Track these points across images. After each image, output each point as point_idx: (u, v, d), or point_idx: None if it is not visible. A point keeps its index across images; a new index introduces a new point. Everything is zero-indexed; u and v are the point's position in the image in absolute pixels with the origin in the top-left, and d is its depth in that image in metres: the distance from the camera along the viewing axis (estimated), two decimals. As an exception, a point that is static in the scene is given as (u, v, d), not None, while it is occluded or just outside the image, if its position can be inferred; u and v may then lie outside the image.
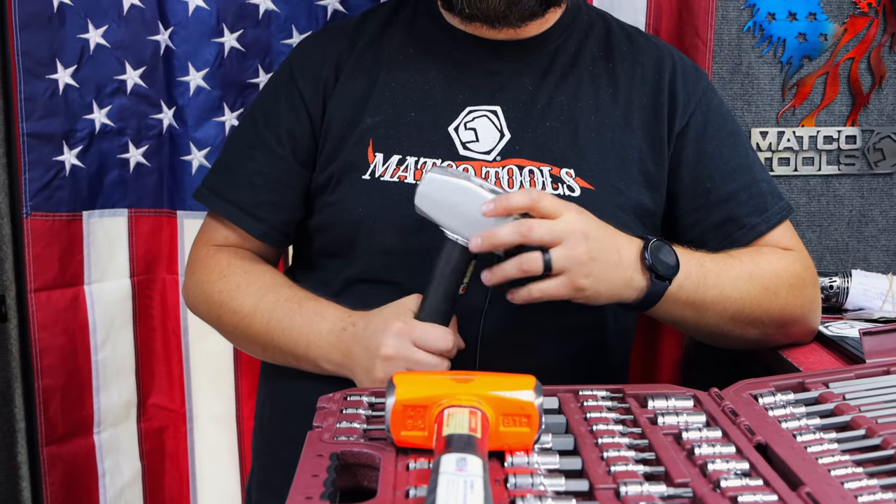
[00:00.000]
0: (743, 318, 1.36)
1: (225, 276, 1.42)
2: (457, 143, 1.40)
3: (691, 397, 1.08)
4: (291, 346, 1.35)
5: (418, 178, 1.37)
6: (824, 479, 0.86)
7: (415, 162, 1.39)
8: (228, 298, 1.41)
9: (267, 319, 1.37)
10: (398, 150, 1.39)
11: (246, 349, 1.48)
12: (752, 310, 1.35)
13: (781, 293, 1.37)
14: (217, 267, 1.44)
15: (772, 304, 1.37)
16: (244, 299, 1.39)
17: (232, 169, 1.48)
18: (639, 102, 1.44)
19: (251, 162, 1.46)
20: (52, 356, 1.74)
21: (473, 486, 0.75)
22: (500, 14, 1.38)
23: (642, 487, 0.84)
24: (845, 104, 1.92)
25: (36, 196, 1.69)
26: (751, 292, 1.35)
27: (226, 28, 1.77)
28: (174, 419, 1.90)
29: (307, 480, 0.86)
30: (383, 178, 1.38)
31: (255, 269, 1.43)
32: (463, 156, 1.39)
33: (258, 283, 1.41)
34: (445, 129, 1.41)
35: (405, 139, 1.40)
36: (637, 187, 1.41)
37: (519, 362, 1.09)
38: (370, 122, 1.41)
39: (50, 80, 1.68)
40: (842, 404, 1.05)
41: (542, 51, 1.46)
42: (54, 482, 1.77)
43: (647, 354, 1.84)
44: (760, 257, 1.39)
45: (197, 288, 1.47)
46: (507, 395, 0.92)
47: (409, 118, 1.41)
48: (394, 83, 1.44)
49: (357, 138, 1.41)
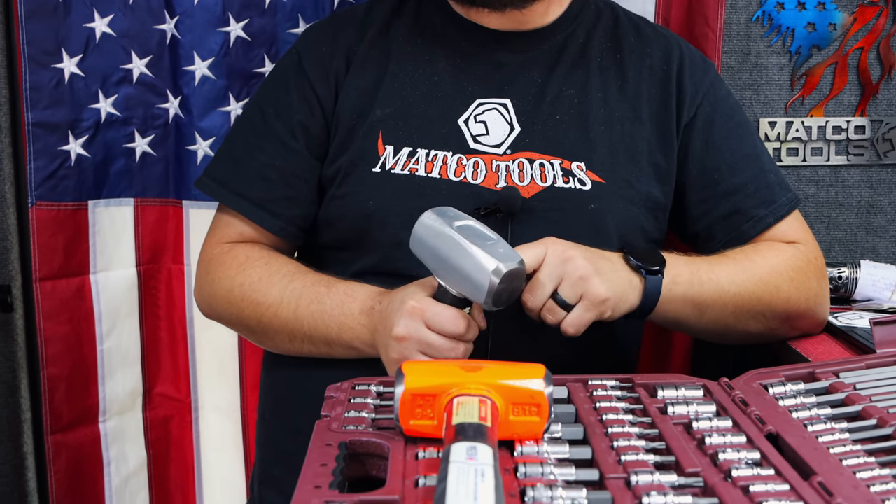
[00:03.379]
0: (744, 312, 1.36)
1: (245, 270, 1.40)
2: (467, 136, 1.39)
3: (701, 387, 1.07)
4: (323, 330, 1.32)
5: (429, 170, 1.36)
6: (836, 468, 0.86)
7: (426, 154, 1.38)
8: (251, 291, 1.38)
9: (294, 306, 1.34)
10: (409, 142, 1.39)
11: (270, 343, 1.43)
12: (753, 304, 1.35)
13: (783, 287, 1.37)
14: (235, 261, 1.42)
15: (773, 298, 1.36)
16: (268, 289, 1.37)
17: (240, 161, 1.46)
18: (648, 94, 1.44)
19: (261, 154, 1.44)
20: (58, 345, 1.74)
21: (484, 474, 0.75)
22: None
23: (653, 477, 0.84)
24: (854, 94, 1.91)
25: (41, 185, 1.69)
26: (748, 286, 1.35)
27: (232, 17, 1.76)
28: (179, 409, 1.90)
29: (316, 469, 0.86)
30: (394, 170, 1.37)
31: (275, 260, 1.41)
32: (473, 149, 1.38)
33: (281, 272, 1.38)
34: (455, 122, 1.40)
35: (415, 131, 1.39)
36: (647, 180, 1.41)
37: (531, 352, 1.08)
38: (380, 114, 1.40)
39: (55, 69, 1.67)
40: (853, 394, 1.05)
41: (551, 42, 1.45)
42: (59, 471, 1.77)
43: (657, 345, 1.84)
44: (756, 254, 1.39)
45: (213, 286, 1.44)
46: (516, 384, 0.92)
47: (418, 110, 1.41)
48: (403, 74, 1.43)
49: (367, 130, 1.40)
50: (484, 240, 1.13)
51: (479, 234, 1.14)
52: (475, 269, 1.11)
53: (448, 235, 1.14)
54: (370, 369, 1.22)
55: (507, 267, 1.11)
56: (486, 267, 1.10)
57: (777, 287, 1.36)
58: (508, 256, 1.12)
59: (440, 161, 1.37)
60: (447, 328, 1.18)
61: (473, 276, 1.11)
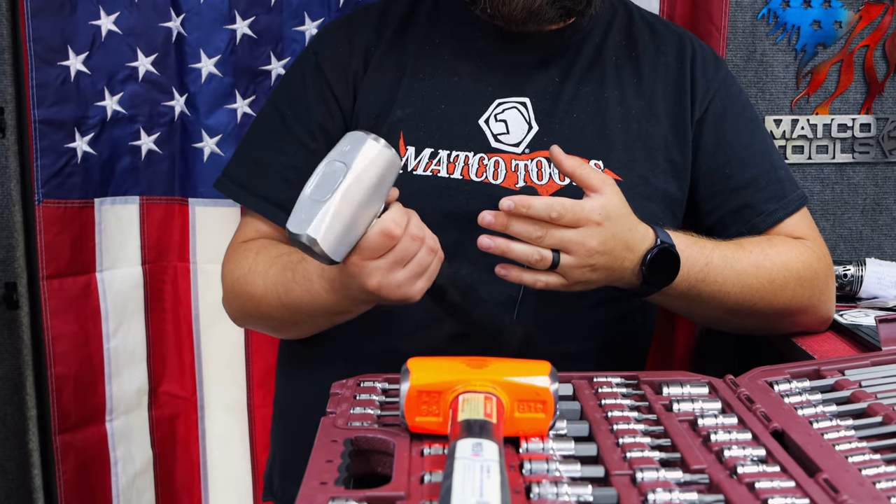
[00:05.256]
0: (742, 310, 1.36)
1: (239, 263, 1.40)
2: (488, 136, 1.39)
3: (706, 384, 1.07)
4: (311, 314, 1.31)
5: (451, 171, 1.37)
6: (841, 465, 0.86)
7: (447, 155, 1.38)
8: (244, 284, 1.38)
9: (276, 296, 1.33)
10: (430, 143, 1.38)
11: (284, 331, 1.42)
12: (754, 302, 1.35)
13: (789, 285, 1.37)
14: (234, 256, 1.42)
15: (776, 297, 1.36)
16: (255, 281, 1.36)
17: (260, 163, 1.45)
18: (663, 91, 1.44)
19: (282, 156, 1.43)
20: (65, 344, 1.74)
21: (490, 471, 0.75)
22: (519, 20, 1.37)
23: (658, 474, 0.84)
24: (860, 92, 1.91)
25: (48, 183, 1.69)
26: (754, 286, 1.34)
27: (238, 15, 1.76)
28: (186, 407, 1.90)
29: (321, 466, 0.86)
30: (416, 171, 1.37)
31: (266, 248, 1.39)
32: (495, 148, 1.38)
33: (264, 259, 1.36)
34: (476, 122, 1.40)
35: (437, 132, 1.39)
36: (664, 176, 1.42)
37: (544, 350, 1.08)
38: (400, 115, 1.40)
39: (61, 66, 1.67)
40: (858, 391, 1.05)
41: (568, 41, 1.45)
42: (67, 470, 1.77)
43: (660, 342, 1.83)
44: (771, 248, 1.39)
45: (224, 286, 1.44)
46: (522, 381, 0.92)
47: (438, 110, 1.41)
48: (422, 74, 1.43)
49: (388, 131, 1.39)
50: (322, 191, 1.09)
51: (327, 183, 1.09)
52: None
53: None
54: (386, 362, 1.19)
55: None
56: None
57: (783, 286, 1.36)
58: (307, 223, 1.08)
59: (462, 162, 1.37)
60: (379, 247, 1.11)
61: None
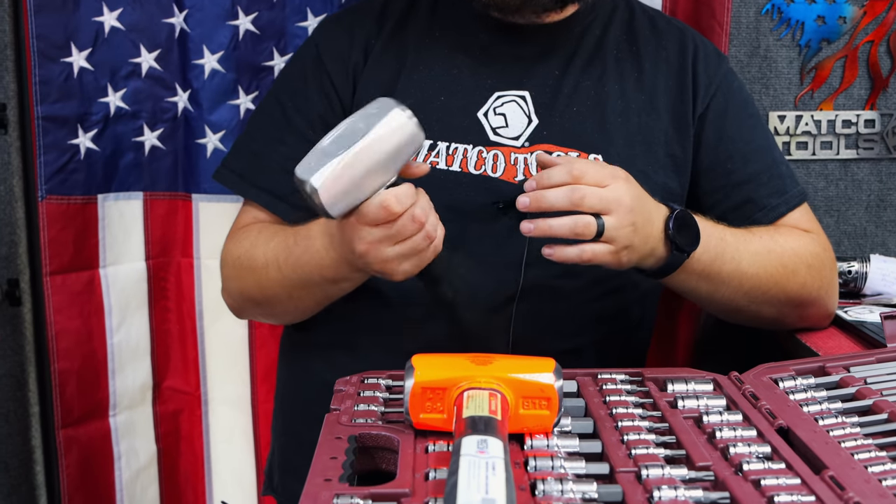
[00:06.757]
0: (759, 294, 1.36)
1: (240, 242, 1.40)
2: (487, 129, 1.39)
3: (711, 381, 1.07)
4: (307, 279, 1.30)
5: (450, 163, 1.37)
6: (847, 462, 0.86)
7: (446, 147, 1.38)
8: (245, 259, 1.38)
9: (276, 265, 1.33)
10: (429, 135, 1.37)
11: (280, 308, 1.41)
12: (770, 287, 1.35)
13: (800, 272, 1.37)
14: (234, 238, 1.43)
15: (789, 283, 1.37)
16: (256, 254, 1.36)
17: (259, 154, 1.46)
18: (664, 86, 1.44)
19: (282, 147, 1.43)
20: (68, 339, 1.74)
21: (495, 467, 0.75)
22: (513, 7, 1.37)
23: (663, 471, 0.84)
24: (864, 88, 1.90)
25: (51, 179, 1.69)
26: (768, 269, 1.35)
27: (240, 10, 1.76)
28: (189, 402, 1.90)
29: (325, 462, 0.86)
30: (415, 163, 1.37)
31: (267, 227, 1.40)
32: (493, 141, 1.38)
33: (266, 235, 1.37)
34: (475, 115, 1.40)
35: (435, 124, 1.38)
36: (664, 171, 1.42)
37: (545, 346, 1.08)
38: None
39: (65, 63, 1.68)
40: (863, 388, 1.05)
41: (568, 34, 1.45)
42: (70, 465, 1.77)
43: (661, 339, 1.83)
44: (780, 235, 1.40)
45: (224, 269, 1.44)
46: (526, 378, 0.92)
47: (438, 103, 1.41)
48: (422, 67, 1.43)
49: None
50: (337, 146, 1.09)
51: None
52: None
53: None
54: (388, 355, 1.20)
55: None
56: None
57: (794, 272, 1.37)
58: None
59: (460, 154, 1.38)
60: (375, 218, 1.13)
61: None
